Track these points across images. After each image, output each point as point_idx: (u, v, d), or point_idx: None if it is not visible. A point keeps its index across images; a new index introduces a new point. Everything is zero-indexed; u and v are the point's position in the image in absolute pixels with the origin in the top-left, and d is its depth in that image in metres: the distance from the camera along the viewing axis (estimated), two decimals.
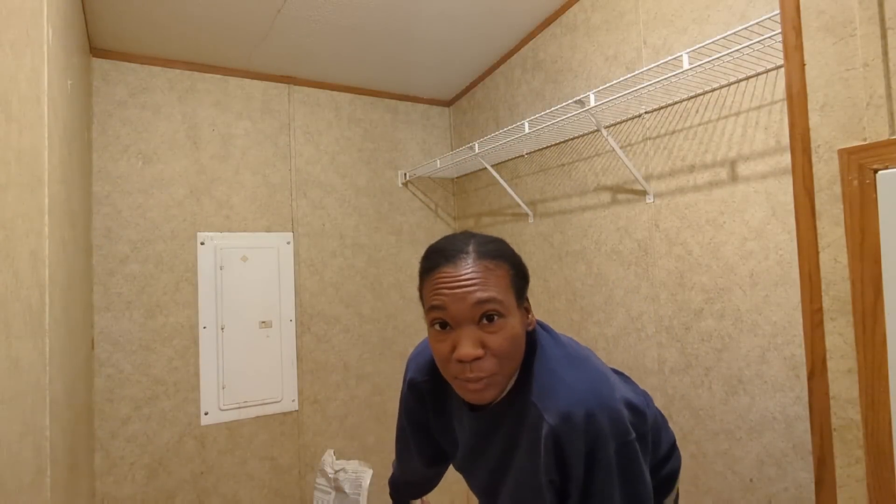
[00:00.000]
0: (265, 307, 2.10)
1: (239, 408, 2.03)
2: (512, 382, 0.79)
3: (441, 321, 0.73)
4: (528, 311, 0.80)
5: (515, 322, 0.74)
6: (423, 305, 0.77)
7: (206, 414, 1.97)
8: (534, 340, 0.81)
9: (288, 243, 2.18)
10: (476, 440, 0.86)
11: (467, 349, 0.71)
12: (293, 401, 2.14)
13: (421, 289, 0.78)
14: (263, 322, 2.10)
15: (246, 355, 2.06)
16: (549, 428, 0.73)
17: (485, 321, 0.72)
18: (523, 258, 0.82)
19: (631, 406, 0.76)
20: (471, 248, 0.75)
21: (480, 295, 0.71)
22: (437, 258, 0.76)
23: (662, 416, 1.01)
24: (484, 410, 0.82)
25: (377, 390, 2.33)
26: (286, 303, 2.15)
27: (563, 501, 0.76)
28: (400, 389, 1.02)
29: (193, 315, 1.97)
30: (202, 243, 2.00)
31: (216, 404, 1.99)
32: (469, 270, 0.72)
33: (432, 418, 0.95)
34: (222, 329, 2.01)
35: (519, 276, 0.77)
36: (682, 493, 1.48)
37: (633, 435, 0.73)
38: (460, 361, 0.72)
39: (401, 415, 1.01)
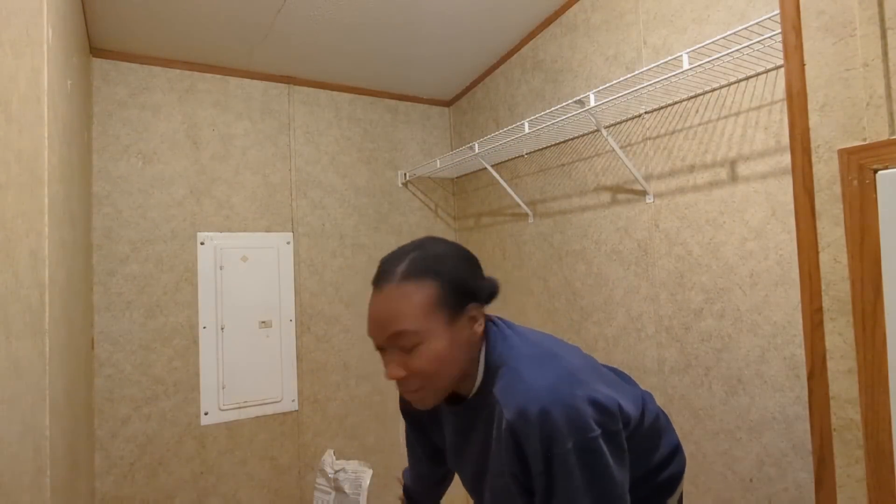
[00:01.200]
0: (265, 307, 2.10)
1: (239, 408, 2.03)
2: (479, 378, 0.82)
3: (376, 346, 0.79)
4: (474, 319, 0.80)
5: (439, 343, 0.75)
6: None
7: (206, 414, 1.97)
8: (497, 339, 0.82)
9: (288, 243, 2.18)
10: (456, 437, 0.89)
11: (390, 372, 0.76)
12: (293, 401, 2.14)
13: None
14: (263, 322, 2.10)
15: (246, 355, 2.06)
16: (507, 423, 0.75)
17: (405, 349, 0.75)
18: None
19: (597, 404, 0.75)
20: (398, 270, 0.76)
21: (393, 328, 0.74)
22: (375, 277, 0.80)
23: (667, 419, 1.00)
24: (459, 407, 0.85)
25: (377, 390, 2.33)
26: (286, 303, 2.15)
27: (532, 500, 0.78)
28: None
29: (193, 315, 1.97)
30: (202, 243, 2.00)
31: (216, 404, 1.99)
32: (386, 299, 0.75)
33: (425, 417, 0.99)
34: (222, 329, 2.01)
35: (453, 292, 0.77)
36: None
37: (598, 432, 0.73)
38: (393, 380, 0.77)
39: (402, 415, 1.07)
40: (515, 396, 0.75)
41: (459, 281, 0.79)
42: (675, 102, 1.50)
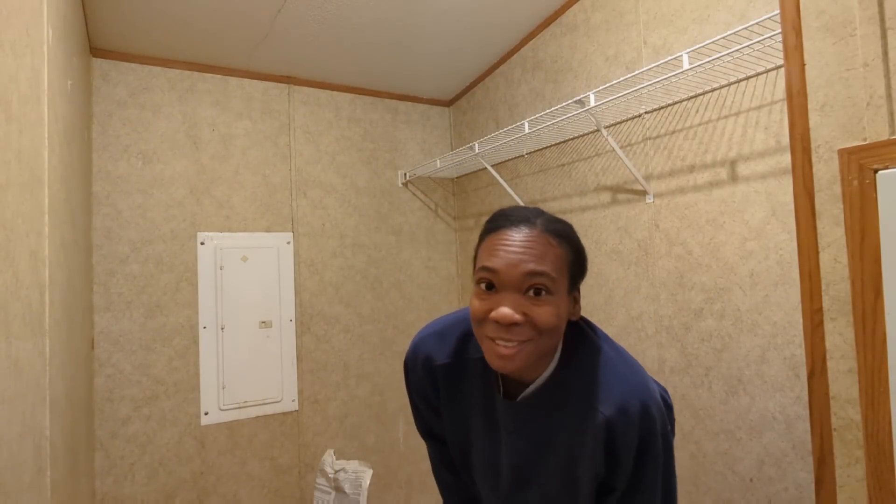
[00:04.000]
0: (265, 307, 2.10)
1: (239, 408, 2.03)
2: (550, 370, 0.78)
3: (488, 282, 0.72)
4: (576, 301, 0.78)
5: (562, 303, 0.73)
6: (475, 265, 0.76)
7: (206, 414, 1.97)
8: (582, 331, 0.81)
9: (288, 243, 2.18)
10: (507, 433, 0.82)
11: (507, 311, 0.69)
12: (293, 401, 2.14)
13: (477, 248, 0.78)
14: (263, 322, 2.10)
15: (246, 355, 2.06)
16: (603, 419, 0.73)
17: (531, 293, 0.70)
18: None
19: (665, 401, 0.79)
20: (538, 221, 0.74)
21: (534, 266, 0.70)
22: (502, 221, 0.75)
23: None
24: (521, 400, 0.79)
25: (377, 390, 2.33)
26: (286, 303, 2.15)
27: (603, 496, 0.77)
28: (399, 388, 1.00)
29: (193, 315, 1.97)
30: (202, 243, 2.00)
31: (216, 404, 1.99)
32: (530, 240, 0.71)
33: (445, 404, 0.90)
34: (222, 329, 2.01)
35: (577, 264, 0.76)
36: (682, 493, 1.48)
37: (669, 427, 0.77)
38: (497, 323, 0.70)
39: (411, 394, 0.96)
40: (611, 391, 0.74)
41: (583, 258, 0.78)
42: (676, 102, 1.50)
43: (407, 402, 2.37)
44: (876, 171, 0.64)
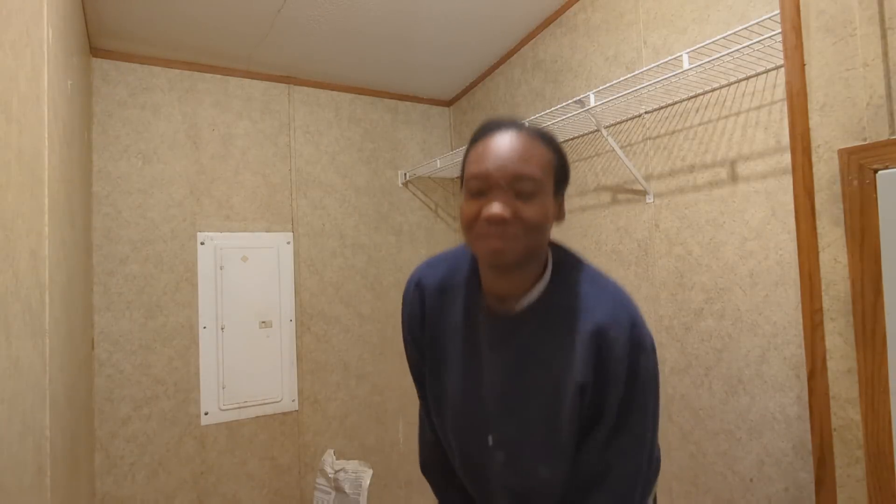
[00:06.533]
0: (265, 307, 2.10)
1: (239, 408, 2.03)
2: (541, 288, 0.80)
3: (478, 188, 0.75)
4: (561, 205, 0.81)
5: (549, 204, 0.76)
6: (463, 175, 0.79)
7: (206, 414, 1.97)
8: (566, 251, 0.83)
9: (288, 243, 2.18)
10: (491, 350, 0.82)
11: (497, 209, 0.72)
12: (293, 401, 2.14)
13: (464, 159, 0.80)
14: (263, 322, 2.10)
15: (246, 355, 2.06)
16: (595, 327, 0.74)
17: (519, 194, 0.73)
18: None
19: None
20: (523, 125, 0.77)
21: (521, 167, 0.73)
22: (486, 130, 0.78)
23: None
24: (506, 318, 0.81)
25: (377, 390, 2.33)
26: (286, 303, 2.15)
27: (591, 417, 0.76)
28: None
29: (193, 315, 1.97)
30: (202, 243, 2.00)
31: (216, 404, 1.99)
32: (516, 143, 0.74)
33: (428, 331, 0.90)
34: (222, 329, 2.01)
35: (561, 168, 0.79)
36: (682, 492, 1.48)
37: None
38: (488, 222, 0.72)
39: (404, 332, 0.96)
40: (603, 304, 0.76)
41: (566, 163, 0.80)
42: (676, 102, 1.50)
43: (407, 402, 2.38)
44: (876, 171, 0.64)
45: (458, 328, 0.86)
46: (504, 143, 0.74)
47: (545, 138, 0.77)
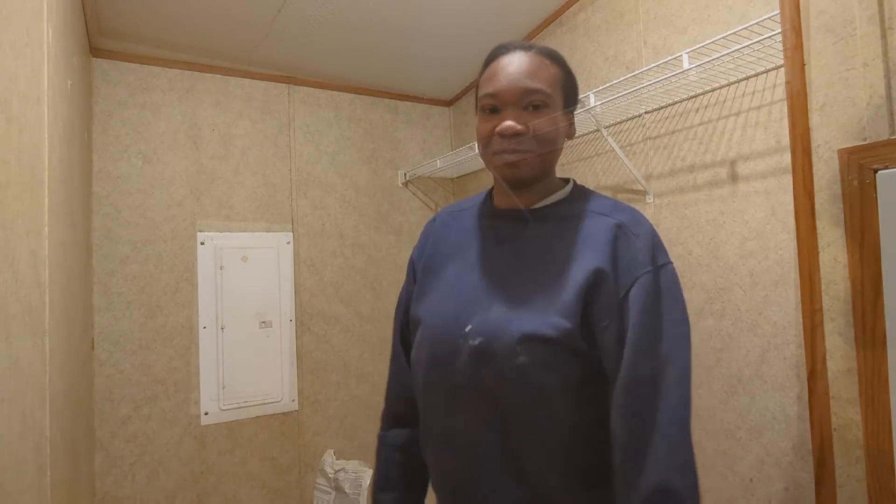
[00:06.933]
0: (265, 307, 2.10)
1: (239, 408, 2.03)
2: (562, 195, 0.83)
3: (491, 106, 0.78)
4: (571, 122, 0.84)
5: (559, 118, 0.79)
6: (477, 97, 0.82)
7: (206, 414, 1.97)
8: (575, 182, 0.87)
9: (288, 243, 2.18)
10: (497, 244, 0.82)
11: (510, 122, 0.75)
12: (293, 401, 2.14)
13: (479, 81, 0.83)
14: (263, 322, 2.10)
15: (246, 355, 2.06)
16: (617, 222, 0.74)
17: (531, 108, 0.77)
18: None
19: None
20: (532, 46, 0.81)
21: (531, 83, 0.76)
22: (498, 52, 0.81)
23: None
24: (521, 217, 0.82)
25: (377, 390, 2.33)
26: (286, 303, 2.15)
27: (611, 316, 0.70)
28: None
29: (193, 315, 1.97)
30: (202, 243, 2.00)
31: (216, 404, 1.99)
32: (525, 61, 0.78)
33: (428, 246, 0.91)
34: (222, 329, 2.01)
35: (569, 84, 0.82)
36: None
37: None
38: (502, 136, 0.76)
39: (408, 273, 0.95)
40: (625, 211, 0.77)
41: (573, 79, 0.84)
42: (675, 102, 1.50)
43: None
44: (876, 171, 0.64)
45: (463, 238, 0.87)
46: (513, 62, 0.78)
47: (552, 56, 0.80)
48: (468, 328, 0.75)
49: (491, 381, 0.73)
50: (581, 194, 0.83)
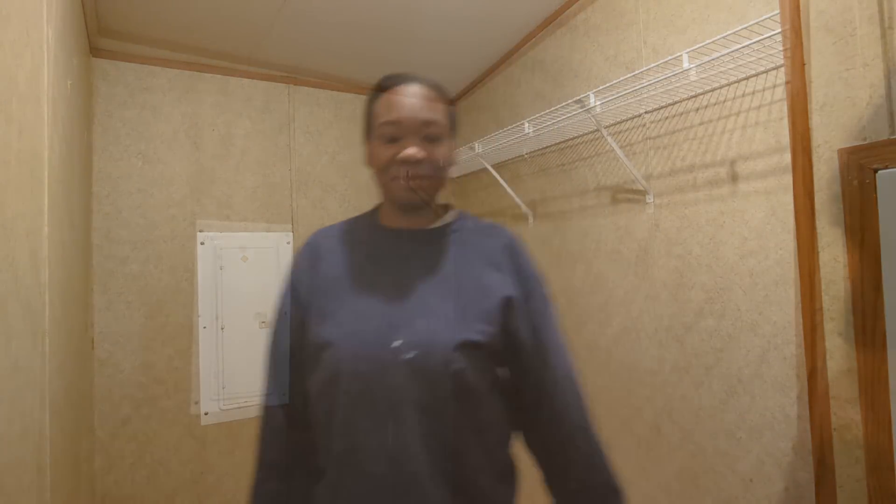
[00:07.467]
0: (265, 307, 2.10)
1: (239, 408, 2.03)
2: (451, 217, 0.92)
3: (392, 134, 0.85)
4: (453, 151, 0.93)
5: (450, 147, 0.88)
6: (372, 122, 0.89)
7: (206, 414, 1.97)
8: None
9: (288, 243, 2.18)
10: (402, 262, 0.87)
11: (414, 150, 0.82)
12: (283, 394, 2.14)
13: (371, 106, 0.90)
14: (264, 322, 2.10)
15: (246, 355, 2.05)
16: (508, 240, 0.89)
17: (427, 138, 0.84)
18: None
19: None
20: (423, 78, 0.89)
21: (430, 115, 0.84)
22: (393, 81, 0.88)
23: None
24: (420, 234, 0.90)
25: None
26: None
27: (521, 332, 0.82)
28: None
29: (193, 315, 1.97)
30: (202, 243, 2.00)
31: (216, 404, 1.99)
32: (421, 94, 0.86)
33: (317, 273, 0.92)
34: (222, 329, 2.01)
35: (453, 117, 0.92)
36: (682, 492, 1.48)
37: None
38: (404, 162, 0.83)
39: (286, 305, 0.96)
40: (506, 231, 0.91)
41: (454, 112, 0.93)
42: (675, 102, 1.50)
43: None
44: (876, 170, 0.64)
45: (358, 259, 0.91)
46: (411, 93, 0.85)
47: (441, 90, 0.90)
48: (397, 343, 0.76)
49: (428, 392, 0.75)
50: (467, 217, 0.93)
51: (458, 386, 0.75)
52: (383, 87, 0.88)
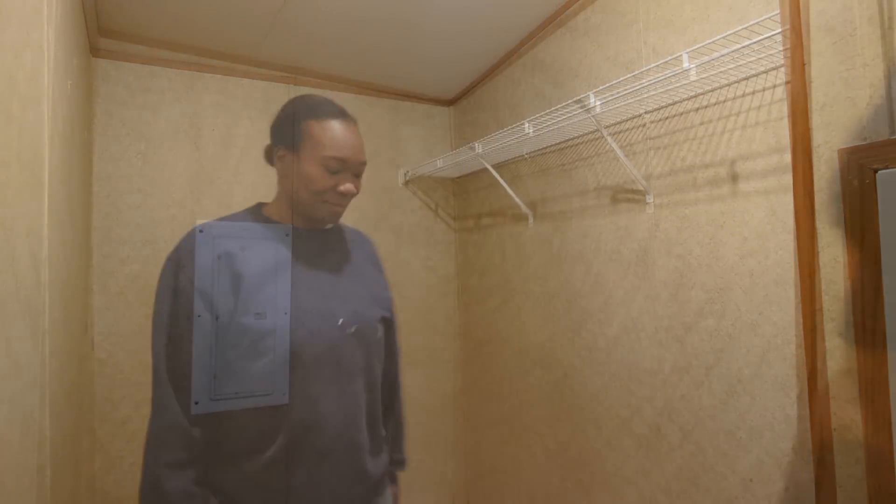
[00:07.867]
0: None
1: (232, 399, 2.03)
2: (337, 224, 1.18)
3: (336, 168, 1.05)
4: None
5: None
6: (311, 145, 1.04)
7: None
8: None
9: (287, 234, 2.18)
10: (317, 257, 1.13)
11: (350, 186, 1.07)
12: (283, 395, 2.13)
13: (309, 128, 1.04)
14: (257, 314, 2.10)
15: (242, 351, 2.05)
16: (371, 244, 1.22)
17: (355, 174, 1.09)
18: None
19: None
20: (347, 114, 1.10)
21: (363, 158, 1.11)
22: (328, 109, 1.07)
23: None
24: (320, 232, 1.16)
25: None
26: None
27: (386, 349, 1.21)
28: None
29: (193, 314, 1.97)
30: (201, 231, 2.00)
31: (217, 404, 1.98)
32: (356, 135, 1.10)
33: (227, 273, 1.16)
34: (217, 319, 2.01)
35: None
36: (682, 492, 1.48)
37: None
38: (342, 195, 1.06)
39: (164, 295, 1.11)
40: (363, 234, 1.27)
41: None
42: (675, 103, 1.50)
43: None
44: (876, 170, 0.64)
45: (271, 254, 1.13)
46: (352, 134, 1.08)
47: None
48: (341, 321, 1.06)
49: (363, 355, 1.09)
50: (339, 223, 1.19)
51: (378, 349, 1.16)
52: (321, 114, 1.04)
